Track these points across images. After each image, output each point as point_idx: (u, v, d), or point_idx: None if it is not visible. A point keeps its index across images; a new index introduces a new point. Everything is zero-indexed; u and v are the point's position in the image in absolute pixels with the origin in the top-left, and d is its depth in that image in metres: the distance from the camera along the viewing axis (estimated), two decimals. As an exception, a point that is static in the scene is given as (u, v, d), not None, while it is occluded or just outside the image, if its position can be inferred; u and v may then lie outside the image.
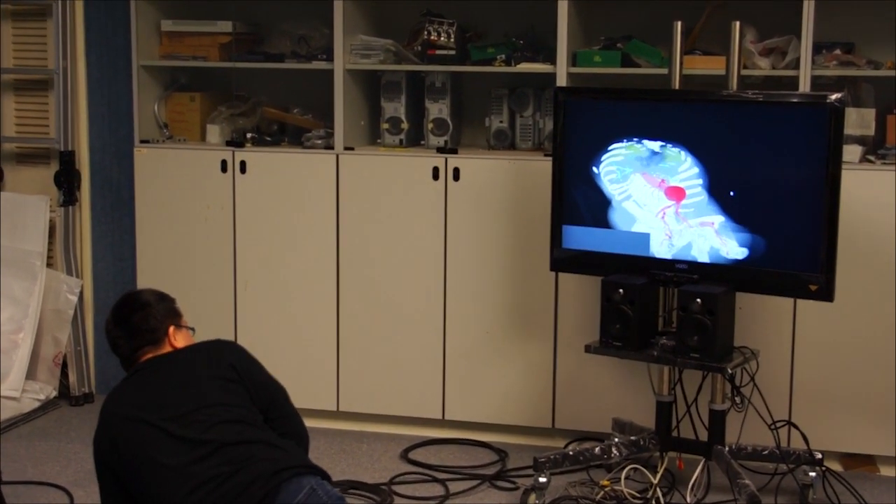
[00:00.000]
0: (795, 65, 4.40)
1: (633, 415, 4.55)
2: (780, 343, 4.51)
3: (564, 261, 4.34)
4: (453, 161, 4.78)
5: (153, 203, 5.12)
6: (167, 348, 3.39)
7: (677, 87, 4.22)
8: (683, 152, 4.03)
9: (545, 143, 4.85)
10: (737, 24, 4.11)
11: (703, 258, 4.05)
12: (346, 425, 5.08)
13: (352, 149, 4.91)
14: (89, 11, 5.33)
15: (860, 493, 4.19)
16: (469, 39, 4.91)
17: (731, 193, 3.97)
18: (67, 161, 5.35)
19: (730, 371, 3.93)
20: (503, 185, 4.74)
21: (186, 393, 3.25)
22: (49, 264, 5.41)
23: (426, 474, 4.57)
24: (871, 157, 4.47)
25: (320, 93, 4.96)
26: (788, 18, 4.41)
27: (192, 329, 3.50)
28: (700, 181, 4.01)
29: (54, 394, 5.35)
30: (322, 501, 3.09)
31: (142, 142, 5.14)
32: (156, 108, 5.22)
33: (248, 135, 5.09)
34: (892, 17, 4.58)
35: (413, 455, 4.76)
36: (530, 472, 4.28)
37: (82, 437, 4.85)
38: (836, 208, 3.81)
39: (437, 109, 4.91)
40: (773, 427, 4.11)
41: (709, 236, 4.02)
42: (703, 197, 4.02)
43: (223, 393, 3.28)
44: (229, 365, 3.35)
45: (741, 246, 3.97)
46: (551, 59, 4.65)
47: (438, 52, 4.82)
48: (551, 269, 4.41)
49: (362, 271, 4.93)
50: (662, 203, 4.10)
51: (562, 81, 4.59)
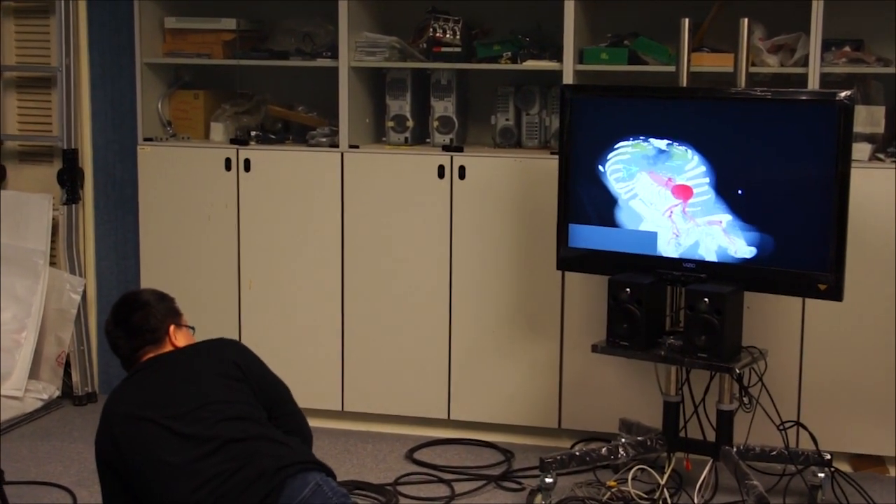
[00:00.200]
0: (804, 62, 4.39)
1: (640, 415, 4.54)
2: (788, 343, 4.50)
3: (571, 260, 4.32)
4: (459, 159, 4.77)
5: (156, 201, 5.11)
6: (168, 347, 3.39)
7: (685, 84, 4.20)
8: (690, 150, 4.01)
9: (551, 141, 4.83)
10: (745, 20, 4.09)
11: (711, 257, 4.03)
12: (350, 425, 5.07)
13: (357, 147, 4.90)
14: (92, 8, 5.33)
15: (869, 494, 4.17)
16: (475, 37, 4.90)
17: (739, 192, 3.95)
18: (70, 159, 5.35)
19: (738, 371, 3.92)
20: (509, 183, 4.72)
21: (189, 391, 3.26)
22: (52, 263, 5.41)
23: (431, 475, 4.56)
24: (881, 155, 4.46)
25: (325, 90, 4.95)
26: (797, 15, 4.39)
27: (193, 328, 3.50)
28: (707, 179, 3.99)
29: (57, 393, 5.35)
30: (327, 497, 3.09)
31: (145, 140, 5.12)
32: (159, 105, 5.21)
33: (253, 133, 5.08)
34: (902, 13, 4.57)
35: (418, 455, 4.75)
36: (536, 472, 4.26)
37: (85, 436, 4.83)
38: (846, 207, 3.78)
39: (443, 107, 4.89)
40: (781, 428, 4.09)
41: (717, 235, 4.00)
42: (710, 195, 4.00)
43: (226, 390, 3.28)
44: (232, 363, 3.36)
45: (749, 245, 3.95)
46: (558, 56, 4.63)
47: (444, 50, 4.81)
48: (557, 268, 4.40)
49: (367, 270, 4.91)
50: (669, 202, 4.08)
51: (568, 79, 4.58)
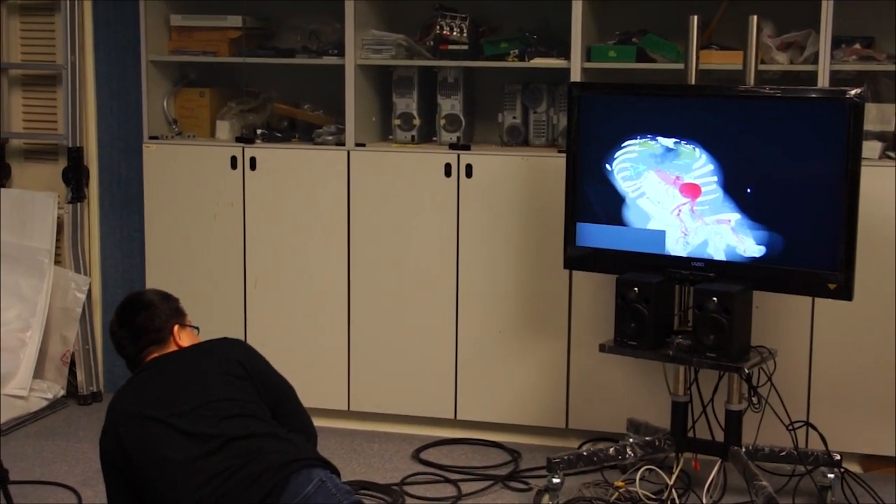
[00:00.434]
0: (814, 59, 4.37)
1: (648, 415, 4.53)
2: (797, 342, 4.48)
3: (578, 259, 4.30)
4: (466, 157, 4.75)
5: (162, 200, 5.10)
6: (172, 347, 3.39)
7: (693, 82, 4.19)
8: (698, 149, 4.00)
9: (559, 139, 4.81)
10: (754, 18, 4.07)
11: (720, 256, 4.00)
12: (357, 425, 5.05)
13: (363, 145, 4.88)
14: (98, 6, 5.33)
15: (880, 495, 4.16)
16: (482, 34, 4.88)
17: (748, 190, 3.93)
18: (75, 157, 5.34)
19: (747, 371, 3.90)
20: (516, 181, 4.70)
21: (193, 389, 3.26)
22: (57, 262, 5.40)
23: (438, 475, 4.55)
24: (891, 153, 4.44)
25: (331, 88, 4.93)
26: (807, 12, 4.38)
27: (197, 328, 3.50)
28: (715, 178, 3.97)
29: (62, 393, 5.34)
30: (330, 494, 3.08)
31: (151, 138, 5.11)
32: (165, 103, 5.20)
33: (259, 131, 5.07)
34: (912, 10, 4.54)
35: (425, 455, 4.74)
36: (544, 472, 4.25)
37: (90, 436, 4.81)
38: (856, 205, 3.76)
39: (450, 105, 4.87)
40: (790, 428, 4.07)
41: (725, 234, 3.98)
42: (718, 194, 3.98)
43: (230, 388, 3.28)
44: (236, 362, 3.35)
45: (758, 244, 3.93)
46: (565, 54, 4.62)
47: (451, 48, 4.80)
48: (565, 267, 4.38)
49: (373, 269, 4.90)
50: (677, 200, 4.06)
51: (576, 77, 4.57)
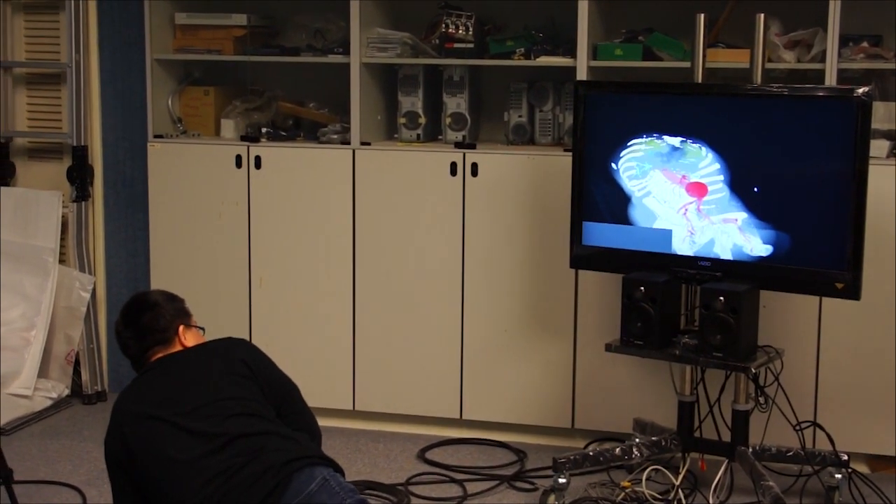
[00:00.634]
0: (821, 58, 4.36)
1: (654, 415, 4.51)
2: (805, 342, 4.46)
3: (584, 258, 4.29)
4: (471, 156, 4.74)
5: (167, 198, 5.10)
6: (177, 348, 3.39)
7: (700, 80, 4.17)
8: (704, 148, 3.99)
9: (565, 137, 4.80)
10: (761, 16, 4.05)
11: (727, 255, 3.99)
12: (362, 424, 5.05)
13: (368, 144, 4.87)
14: (102, 4, 5.33)
15: (887, 495, 4.17)
16: (488, 32, 4.87)
17: (755, 189, 3.92)
18: (80, 156, 5.34)
19: (754, 370, 3.90)
20: (522, 180, 4.69)
21: (198, 388, 3.25)
22: (61, 261, 5.40)
23: (443, 475, 4.54)
24: (899, 152, 4.42)
25: (336, 87, 4.92)
26: (814, 10, 4.36)
27: (203, 329, 3.50)
28: (721, 177, 3.96)
29: (67, 392, 5.33)
30: (334, 492, 3.07)
31: (155, 136, 5.11)
32: (169, 102, 5.19)
33: (263, 129, 5.06)
34: (920, 9, 4.52)
35: (430, 455, 4.74)
36: (549, 472, 4.25)
37: (95, 435, 4.81)
38: (863, 204, 3.75)
39: (455, 104, 4.86)
40: (798, 428, 4.07)
41: (732, 233, 3.97)
42: (725, 193, 3.96)
43: (235, 387, 3.28)
44: (241, 361, 3.35)
45: (765, 243, 3.92)
46: (571, 52, 4.60)
47: (456, 46, 4.78)
48: (571, 267, 4.37)
49: (379, 268, 4.89)
50: (684, 199, 4.05)
51: (582, 75, 4.55)
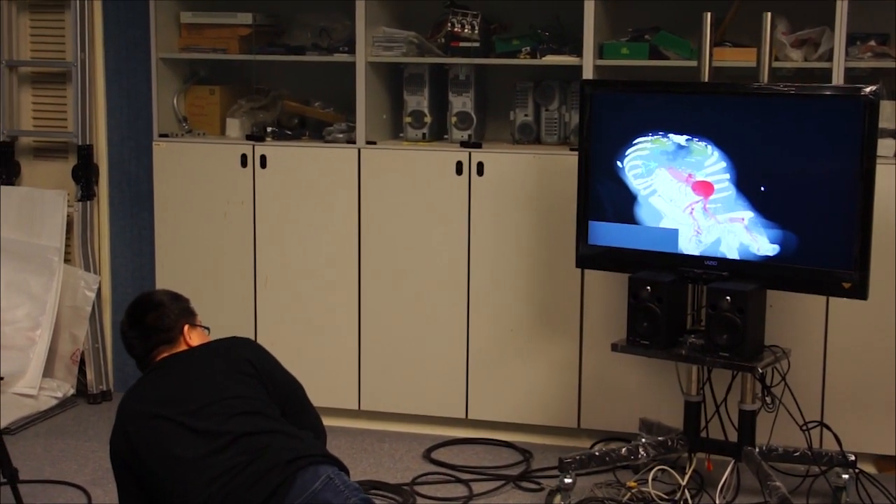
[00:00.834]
0: (828, 56, 4.34)
1: (660, 415, 4.51)
2: (812, 342, 4.45)
3: (590, 257, 4.28)
4: (477, 155, 4.73)
5: (172, 198, 5.09)
6: (182, 347, 3.39)
7: (707, 79, 4.17)
8: (710, 146, 3.97)
9: (571, 137, 4.79)
10: (768, 14, 4.05)
11: (733, 255, 3.98)
12: (367, 424, 5.04)
13: (374, 143, 4.87)
14: (108, 3, 5.32)
15: (894, 496, 4.14)
16: (493, 31, 4.87)
17: (762, 188, 3.91)
18: (85, 155, 5.34)
19: (760, 370, 3.89)
20: (528, 180, 4.68)
21: (202, 388, 3.25)
22: (67, 260, 5.40)
23: (449, 475, 4.54)
24: (906, 151, 4.40)
25: (342, 86, 4.92)
26: (821, 9, 4.35)
27: (208, 328, 3.50)
28: (728, 176, 3.95)
29: (72, 391, 5.33)
30: (338, 490, 3.07)
31: (161, 136, 5.10)
32: (175, 101, 5.19)
33: (269, 129, 5.06)
34: (928, 7, 4.51)
35: (436, 455, 4.73)
36: (555, 472, 4.24)
37: (100, 435, 4.81)
38: (871, 204, 3.74)
39: (461, 103, 4.86)
40: (804, 428, 4.05)
41: (738, 232, 3.95)
42: (731, 192, 3.95)
43: (240, 386, 3.28)
44: (246, 360, 3.35)
45: (772, 242, 3.90)
46: (577, 51, 4.60)
47: (462, 45, 4.78)
48: (577, 266, 4.36)
49: (384, 268, 4.88)
50: (690, 198, 4.04)
51: (588, 74, 4.54)
